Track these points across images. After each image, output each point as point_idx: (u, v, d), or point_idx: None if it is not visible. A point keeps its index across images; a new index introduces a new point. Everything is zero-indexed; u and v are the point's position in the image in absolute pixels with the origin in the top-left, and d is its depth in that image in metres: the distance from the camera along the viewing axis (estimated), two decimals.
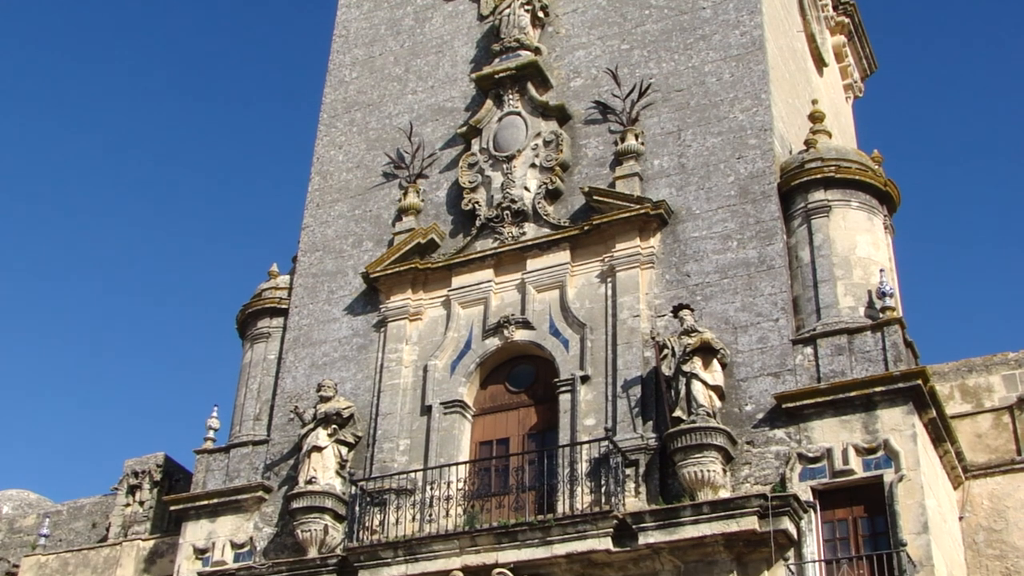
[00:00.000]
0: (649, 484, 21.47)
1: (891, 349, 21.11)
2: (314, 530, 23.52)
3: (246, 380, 27.29)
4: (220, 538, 25.16)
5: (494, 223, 25.55)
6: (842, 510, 20.41)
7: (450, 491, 22.79)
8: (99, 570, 28.83)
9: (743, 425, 21.51)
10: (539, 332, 24.09)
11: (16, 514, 33.54)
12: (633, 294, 23.40)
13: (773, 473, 20.89)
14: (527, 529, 21.32)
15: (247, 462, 25.90)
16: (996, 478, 22.71)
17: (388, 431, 24.43)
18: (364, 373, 25.64)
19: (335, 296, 27.15)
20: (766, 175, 23.75)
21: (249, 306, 28.17)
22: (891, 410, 20.57)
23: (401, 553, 22.17)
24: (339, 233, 28.08)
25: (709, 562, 20.26)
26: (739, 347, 22.25)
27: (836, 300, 22.13)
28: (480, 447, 24.08)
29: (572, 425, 22.69)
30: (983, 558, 22.09)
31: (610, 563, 20.95)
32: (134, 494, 30.64)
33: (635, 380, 22.49)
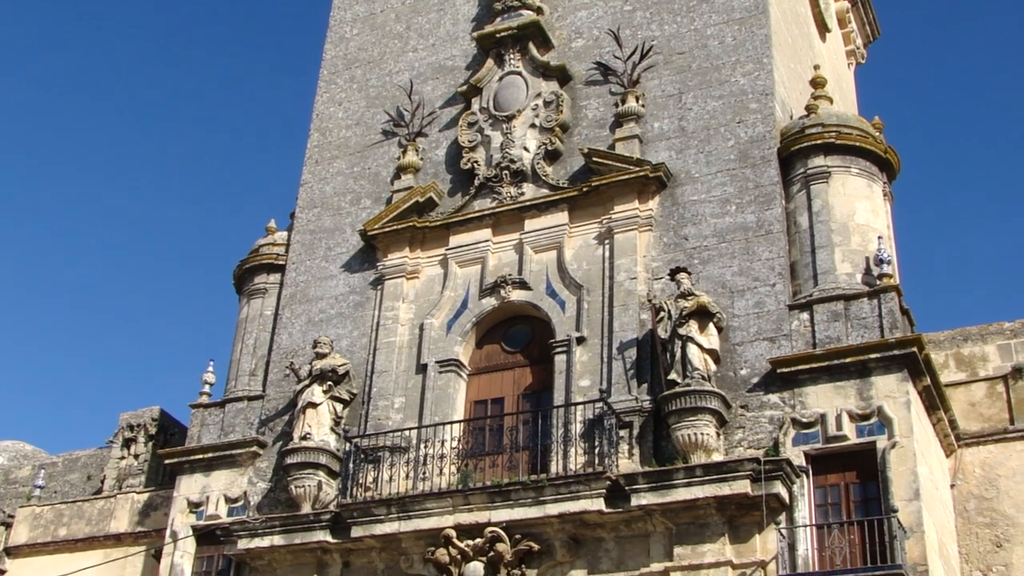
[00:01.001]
0: (643, 446, 21.53)
1: (887, 316, 21.12)
2: (308, 486, 23.60)
3: (242, 335, 27.31)
4: (214, 492, 25.25)
5: (493, 183, 25.50)
6: (834, 475, 20.49)
7: (444, 450, 22.86)
8: (93, 522, 28.95)
9: (738, 389, 21.54)
10: (536, 293, 24.10)
11: (11, 465, 33.65)
12: (630, 256, 23.38)
13: (766, 437, 20.95)
14: (520, 489, 21.40)
15: (242, 417, 25.95)
16: (988, 447, 22.82)
17: (383, 389, 24.47)
18: (360, 331, 25.65)
19: (332, 253, 27.12)
20: (766, 140, 23.68)
21: (246, 262, 28.15)
22: (886, 377, 20.61)
23: (394, 510, 22.26)
24: (337, 190, 28.02)
25: (701, 524, 20.35)
26: (735, 311, 22.26)
27: (833, 266, 22.12)
28: (475, 406, 24.14)
29: (567, 386, 22.74)
30: (973, 526, 22.22)
31: (602, 524, 21.04)
32: (129, 447, 30.75)
33: (631, 342, 22.51)
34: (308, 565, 23.22)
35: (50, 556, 28.87)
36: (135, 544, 27.80)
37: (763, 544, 20.07)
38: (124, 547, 27.88)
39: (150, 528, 27.78)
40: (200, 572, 24.81)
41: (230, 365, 27.27)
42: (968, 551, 22.02)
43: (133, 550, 27.56)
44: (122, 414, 31.38)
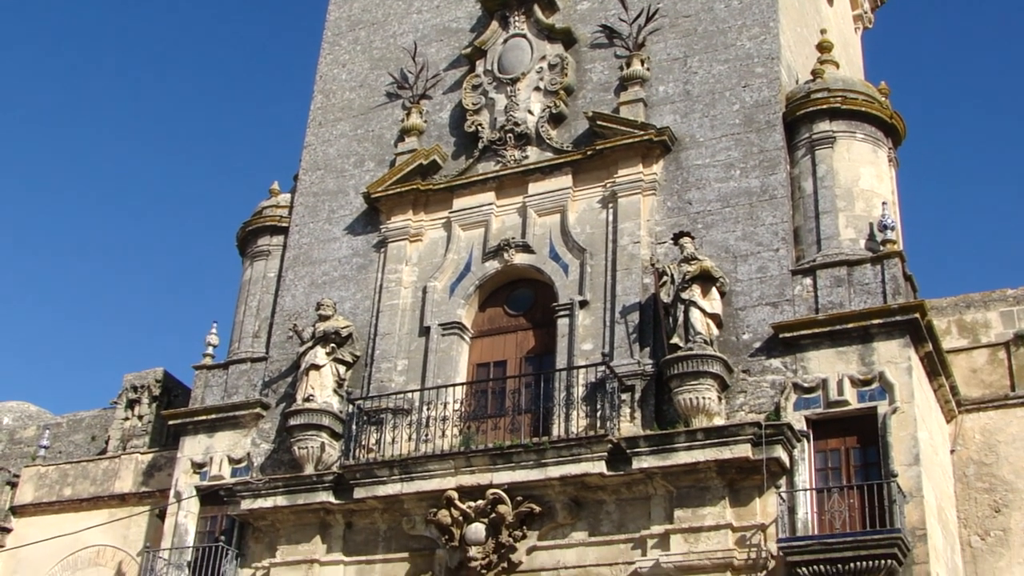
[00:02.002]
0: (644, 410, 21.60)
1: (890, 282, 21.13)
2: (311, 447, 23.71)
3: (245, 297, 27.36)
4: (218, 453, 25.38)
5: (497, 146, 25.46)
6: (835, 440, 20.57)
7: (446, 412, 22.95)
8: (98, 482, 29.12)
9: (740, 354, 21.59)
10: (539, 256, 24.11)
11: (16, 425, 33.79)
12: (634, 220, 23.38)
13: (768, 402, 21.01)
14: (522, 451, 21.50)
15: (245, 379, 26.04)
16: (989, 413, 22.86)
17: (386, 351, 24.54)
18: (363, 293, 25.69)
19: (336, 215, 27.12)
20: (771, 104, 23.61)
21: (249, 223, 28.17)
22: (888, 343, 20.64)
23: (397, 472, 22.37)
24: (341, 152, 27.99)
25: (701, 488, 20.45)
26: (738, 276, 22.27)
27: (837, 231, 22.10)
28: (477, 369, 24.21)
29: (569, 349, 22.79)
30: (972, 491, 22.30)
31: (603, 486, 21.15)
32: (133, 408, 30.88)
33: (633, 306, 22.55)
34: (311, 526, 23.36)
35: (55, 515, 29.08)
36: (139, 504, 27.98)
37: (763, 507, 20.18)
38: (128, 507, 28.07)
39: (154, 488, 27.96)
40: (204, 532, 24.98)
41: (233, 327, 27.35)
42: (967, 516, 22.13)
43: (137, 510, 27.74)
44: (126, 375, 31.52)
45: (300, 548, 23.31)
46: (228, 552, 23.90)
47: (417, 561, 22.42)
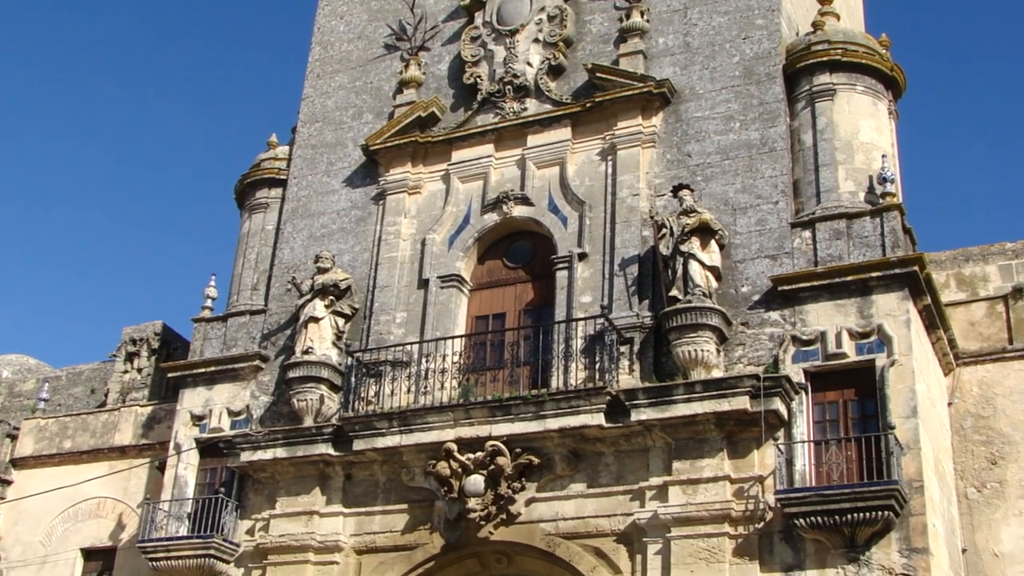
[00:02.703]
0: (643, 362, 21.63)
1: (889, 235, 21.10)
2: (310, 399, 23.76)
3: (244, 250, 27.32)
4: (217, 405, 25.42)
5: (495, 98, 25.35)
6: (833, 392, 20.61)
7: (445, 364, 22.99)
8: (98, 434, 29.22)
9: (738, 306, 21.59)
10: (538, 208, 24.06)
11: (16, 378, 33.86)
12: (633, 173, 23.31)
13: (766, 354, 21.04)
14: (521, 403, 21.56)
15: (244, 331, 26.06)
16: (987, 366, 22.93)
17: (385, 304, 24.54)
18: (362, 245, 25.66)
19: (334, 168, 27.04)
20: (771, 56, 23.48)
21: (248, 176, 28.08)
22: (886, 295, 20.63)
23: (396, 424, 22.43)
24: (339, 104, 27.86)
25: (700, 440, 20.52)
26: (737, 228, 22.24)
27: (837, 184, 22.05)
28: (476, 321, 24.22)
29: (568, 302, 22.80)
30: (969, 443, 22.40)
31: (602, 438, 21.22)
32: (132, 361, 30.94)
33: (632, 259, 22.53)
34: (310, 477, 23.45)
35: (55, 468, 29.25)
36: (139, 456, 28.14)
37: (761, 459, 20.25)
38: (128, 459, 28.23)
39: (154, 441, 28.08)
40: (204, 484, 25.09)
41: (232, 280, 27.33)
42: (964, 468, 22.23)
43: (137, 462, 27.89)
44: (125, 328, 31.58)
45: (300, 500, 23.42)
46: (228, 504, 24.00)
47: (416, 513, 22.53)
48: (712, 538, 19.88)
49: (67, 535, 28.30)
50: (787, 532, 19.64)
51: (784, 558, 19.62)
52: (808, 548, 19.49)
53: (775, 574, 19.60)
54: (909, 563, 18.82)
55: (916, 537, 18.98)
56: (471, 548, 22.01)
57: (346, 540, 22.87)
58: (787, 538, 19.66)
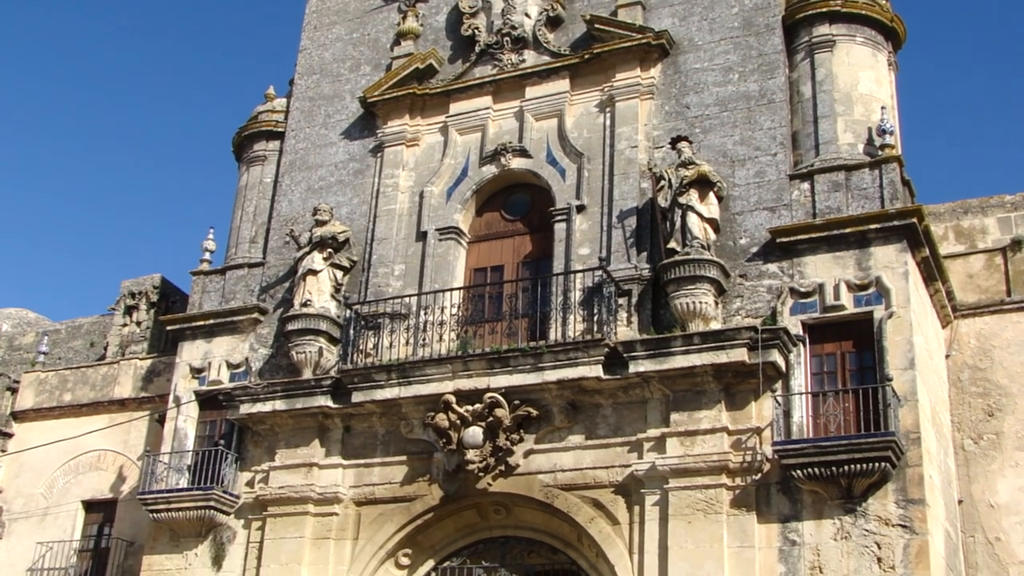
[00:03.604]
0: (641, 314, 21.65)
1: (888, 187, 21.05)
2: (309, 352, 23.79)
3: (242, 203, 27.28)
4: (216, 358, 25.47)
5: (493, 49, 25.20)
6: (831, 344, 20.63)
7: (444, 316, 23.01)
8: (98, 387, 29.32)
9: (737, 258, 21.58)
10: (536, 160, 24.00)
11: (15, 332, 33.90)
12: (632, 125, 23.23)
13: (764, 306, 21.05)
14: (519, 355, 21.58)
15: (243, 284, 26.06)
16: (984, 318, 22.95)
17: (383, 256, 24.53)
18: (360, 198, 25.61)
19: (332, 120, 26.93)
20: (771, 7, 23.31)
21: (245, 128, 27.98)
22: (885, 247, 20.61)
23: (394, 376, 22.48)
24: (337, 56, 27.70)
25: (698, 392, 20.57)
26: (736, 180, 22.18)
27: (836, 136, 21.98)
28: (474, 274, 24.23)
29: (566, 254, 22.78)
30: (966, 395, 22.46)
31: (600, 390, 21.27)
32: (131, 314, 30.99)
33: (631, 211, 22.49)
34: (310, 430, 23.53)
35: (56, 420, 29.38)
36: (139, 409, 28.26)
37: (759, 411, 20.31)
38: (128, 412, 28.33)
39: (153, 394, 28.19)
40: (203, 436, 25.18)
41: (230, 232, 27.30)
42: (960, 420, 22.32)
43: (137, 415, 28.01)
44: (123, 281, 31.60)
45: (299, 452, 23.52)
46: (228, 456, 24.10)
47: (415, 464, 22.63)
48: (710, 489, 19.97)
49: (68, 487, 28.47)
50: (784, 483, 19.72)
51: (781, 509, 19.72)
52: (805, 499, 19.59)
53: (772, 525, 19.70)
54: (905, 514, 18.92)
55: (913, 488, 19.06)
56: (470, 500, 22.12)
57: (345, 492, 22.99)
58: (784, 489, 19.75)
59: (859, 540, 19.07)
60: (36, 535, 28.12)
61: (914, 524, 18.84)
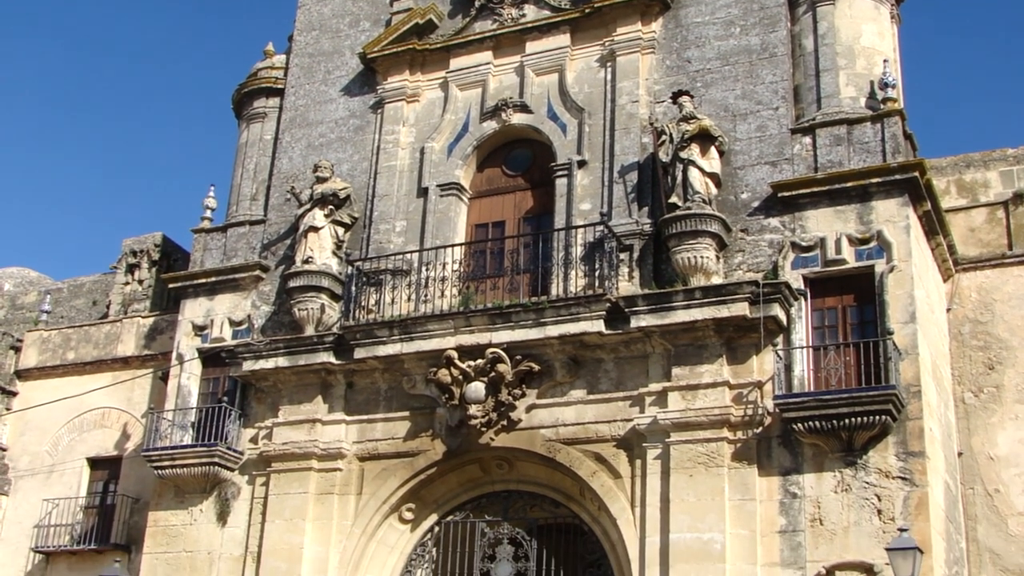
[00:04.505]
0: (643, 269, 21.66)
1: (890, 141, 20.99)
2: (311, 308, 23.83)
3: (242, 160, 27.23)
4: (218, 315, 25.52)
5: (493, 4, 25.06)
6: (832, 298, 20.65)
7: (445, 272, 23.03)
8: (101, 345, 29.39)
9: (738, 213, 21.56)
10: (537, 116, 23.93)
11: (17, 291, 33.95)
12: (633, 79, 23.15)
13: (766, 261, 21.06)
14: (521, 311, 21.62)
15: (244, 241, 26.06)
16: (986, 271, 22.95)
17: (384, 212, 24.52)
18: (361, 154, 25.57)
19: (332, 76, 26.83)
20: None
21: (245, 85, 27.88)
22: (886, 201, 20.58)
23: (396, 332, 22.53)
24: (336, 12, 27.55)
25: (699, 346, 20.62)
26: (737, 135, 22.13)
27: (837, 90, 21.89)
28: (476, 229, 24.23)
29: (568, 209, 22.77)
30: (967, 348, 22.50)
31: (602, 345, 21.32)
32: (133, 273, 31.03)
33: (632, 166, 22.46)
34: (312, 386, 23.62)
35: (59, 379, 29.50)
36: (142, 367, 28.35)
37: (760, 365, 20.36)
38: (131, 370, 28.44)
39: (156, 351, 28.26)
40: (207, 393, 25.26)
41: (231, 190, 27.27)
42: (961, 373, 22.37)
43: (140, 373, 28.10)
44: (125, 240, 31.62)
45: (302, 408, 23.61)
46: (231, 412, 24.20)
47: (418, 419, 22.73)
48: (711, 443, 20.05)
49: (73, 445, 28.62)
50: (785, 437, 19.81)
51: (782, 462, 19.81)
52: (806, 452, 19.68)
53: (773, 478, 19.79)
54: (906, 466, 19.02)
55: (913, 441, 19.15)
56: (472, 454, 22.24)
57: (348, 447, 23.10)
58: (785, 442, 19.83)
59: (859, 492, 19.18)
60: (42, 492, 28.31)
61: (914, 476, 18.94)
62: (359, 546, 22.50)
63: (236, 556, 23.44)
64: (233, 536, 23.64)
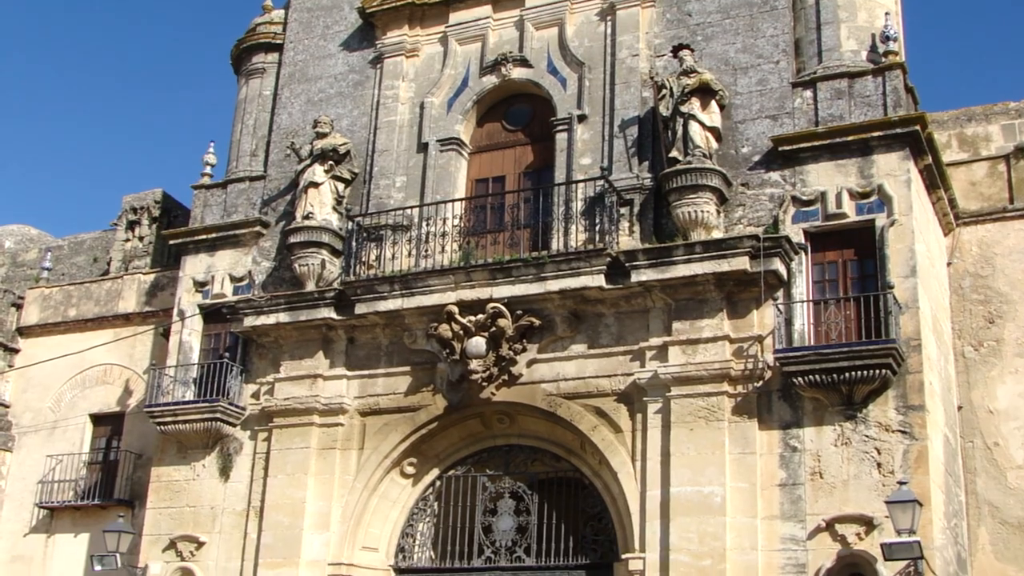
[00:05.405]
0: (643, 223, 21.64)
1: (891, 94, 20.90)
2: (311, 264, 23.83)
3: (242, 116, 27.13)
4: (219, 272, 25.53)
5: None
6: (832, 252, 20.63)
7: (446, 227, 23.00)
8: (102, 302, 29.43)
9: (739, 167, 21.51)
10: (537, 70, 23.83)
11: (18, 248, 33.96)
12: (633, 33, 23.02)
13: (766, 215, 21.03)
14: (521, 265, 21.62)
15: (244, 197, 26.03)
16: (987, 225, 22.93)
17: (384, 168, 24.47)
18: (360, 110, 25.48)
19: (331, 31, 26.68)
20: None
21: (243, 41, 27.73)
22: (887, 155, 20.51)
23: (397, 287, 22.55)
24: None
25: (700, 300, 20.63)
26: (738, 89, 22.04)
27: (839, 43, 21.77)
28: (476, 184, 24.19)
29: (568, 164, 22.71)
30: (967, 302, 22.52)
31: (602, 299, 21.34)
32: (133, 229, 31.00)
33: (632, 120, 22.39)
34: (314, 341, 23.65)
35: (61, 336, 29.54)
36: (143, 323, 28.39)
37: (760, 319, 20.37)
38: (133, 326, 28.49)
39: (157, 308, 28.29)
40: (208, 349, 25.29)
41: (231, 146, 27.19)
42: (961, 327, 22.40)
43: (141, 329, 28.13)
44: (125, 197, 31.56)
45: (304, 363, 23.65)
46: (233, 368, 24.25)
47: (419, 375, 22.78)
48: (711, 397, 20.12)
49: (75, 401, 28.72)
50: (785, 390, 19.86)
51: (782, 416, 19.88)
52: (806, 406, 19.73)
53: (773, 431, 19.86)
54: (905, 420, 19.08)
55: (913, 394, 19.19)
56: (473, 409, 22.31)
57: (350, 402, 23.17)
58: (785, 396, 19.88)
59: (859, 446, 19.25)
60: (45, 448, 28.44)
61: (914, 430, 19.00)
62: (361, 500, 22.63)
63: (239, 511, 23.57)
64: (236, 491, 23.77)
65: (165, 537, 24.01)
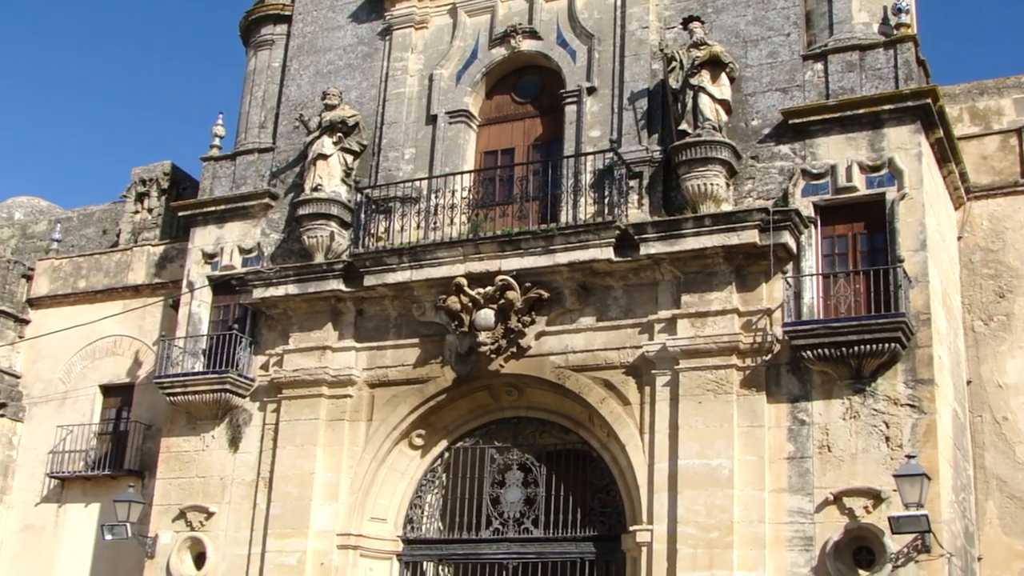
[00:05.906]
0: (652, 196, 21.60)
1: (903, 67, 20.79)
2: (320, 236, 23.83)
3: (251, 88, 27.09)
4: (228, 243, 25.54)
5: None
6: (842, 226, 20.56)
7: (455, 200, 22.97)
8: (111, 274, 29.50)
9: (749, 140, 21.44)
10: (546, 42, 23.73)
11: (28, 220, 34.04)
12: (643, 5, 22.90)
13: (776, 188, 20.97)
14: (530, 238, 21.60)
15: (253, 169, 26.01)
16: (998, 200, 22.84)
17: (393, 140, 24.42)
18: (369, 82, 25.41)
19: (340, 3, 26.57)
20: None
21: (252, 12, 27.65)
22: (898, 128, 20.41)
23: (406, 259, 22.55)
24: None
25: (709, 273, 20.60)
26: (748, 61, 21.94)
27: (850, 15, 21.64)
28: (485, 157, 24.13)
29: (577, 136, 22.65)
30: (978, 277, 22.47)
31: (611, 272, 21.32)
32: (142, 201, 31.05)
33: (642, 92, 22.30)
34: (322, 313, 23.68)
35: (71, 307, 29.63)
36: (153, 295, 28.48)
37: (769, 292, 20.34)
38: (142, 298, 28.58)
39: (167, 280, 28.37)
40: (217, 321, 25.33)
41: (239, 118, 27.16)
42: (971, 301, 22.35)
43: (151, 300, 28.21)
44: (134, 169, 31.60)
45: (312, 335, 23.69)
46: (242, 340, 24.29)
47: (427, 347, 22.81)
48: (720, 370, 20.11)
49: (85, 372, 28.83)
50: (794, 364, 19.84)
51: (791, 389, 19.87)
52: (815, 379, 19.72)
53: (782, 405, 19.86)
54: (914, 394, 19.07)
55: (922, 368, 19.18)
56: (482, 381, 22.34)
57: (359, 374, 23.21)
58: (794, 370, 19.87)
59: (868, 420, 19.25)
60: (56, 419, 28.57)
61: (922, 404, 18.99)
62: (370, 471, 22.71)
63: (248, 481, 23.66)
64: (245, 462, 23.86)
65: (175, 507, 24.12)
